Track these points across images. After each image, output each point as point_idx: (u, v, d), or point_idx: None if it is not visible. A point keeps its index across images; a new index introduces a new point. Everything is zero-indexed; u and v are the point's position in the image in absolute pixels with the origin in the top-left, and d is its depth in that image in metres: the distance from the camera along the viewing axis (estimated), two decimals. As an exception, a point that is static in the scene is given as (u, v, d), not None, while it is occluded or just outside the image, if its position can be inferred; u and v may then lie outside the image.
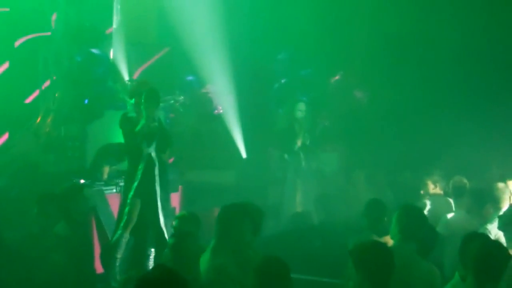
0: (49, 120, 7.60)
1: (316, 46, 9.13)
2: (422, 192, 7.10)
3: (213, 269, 4.19)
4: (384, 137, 8.86)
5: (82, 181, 7.02)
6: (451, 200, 6.55)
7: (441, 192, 6.96)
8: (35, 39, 8.14)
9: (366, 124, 9.04)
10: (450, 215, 6.19)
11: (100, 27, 8.40)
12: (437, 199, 6.88)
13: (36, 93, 7.96)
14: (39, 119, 7.69)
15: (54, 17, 8.14)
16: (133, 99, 6.43)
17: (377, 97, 9.27)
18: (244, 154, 8.97)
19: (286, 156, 8.34)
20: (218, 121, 9.12)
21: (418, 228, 4.49)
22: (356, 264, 3.64)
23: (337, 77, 9.60)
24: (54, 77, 7.92)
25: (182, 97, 8.81)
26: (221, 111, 9.21)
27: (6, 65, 7.64)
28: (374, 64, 9.17)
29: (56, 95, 7.84)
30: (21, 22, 7.98)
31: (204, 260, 4.27)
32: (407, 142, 8.72)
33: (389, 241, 4.64)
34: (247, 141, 8.90)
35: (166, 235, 6.37)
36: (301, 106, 8.39)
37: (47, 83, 7.91)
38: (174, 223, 5.33)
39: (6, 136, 7.50)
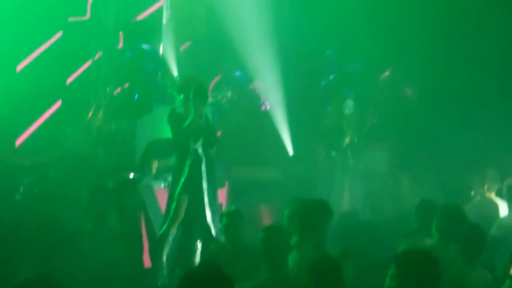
0: (100, 115, 7.78)
1: (365, 42, 9.05)
2: (472, 193, 6.97)
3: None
4: (434, 135, 8.73)
5: (131, 175, 7.18)
6: (502, 202, 6.42)
7: (493, 193, 6.81)
8: (87, 34, 8.33)
9: (415, 122, 8.92)
10: (505, 217, 6.06)
11: (150, 23, 8.55)
12: (487, 200, 6.74)
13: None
14: (90, 113, 7.89)
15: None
16: (182, 95, 6.53)
17: (427, 94, 9.12)
18: (291, 151, 8.99)
19: (333, 153, 8.30)
20: (265, 118, 9.16)
21: (457, 228, 4.39)
22: (401, 272, 3.41)
23: (386, 74, 9.51)
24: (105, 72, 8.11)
25: (230, 93, 8.90)
26: (268, 107, 9.26)
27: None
28: (424, 61, 9.02)
29: (107, 90, 8.01)
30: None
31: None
32: (458, 140, 8.55)
33: None
34: (294, 138, 8.92)
35: (212, 231, 6.47)
36: (349, 103, 8.33)
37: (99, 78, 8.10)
38: (221, 219, 5.41)
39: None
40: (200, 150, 6.45)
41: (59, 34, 7.67)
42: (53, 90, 7.48)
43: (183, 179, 6.38)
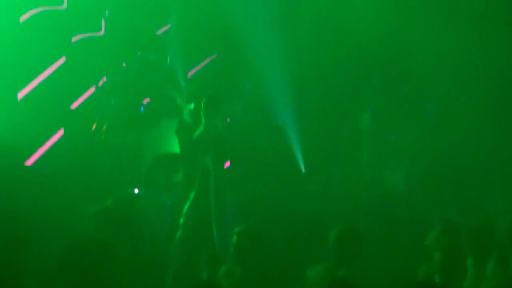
0: (104, 128, 7.83)
1: (380, 54, 9.06)
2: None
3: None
4: (455, 155, 8.69)
5: (136, 190, 7.21)
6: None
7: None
8: (89, 39, 8.38)
9: (435, 140, 8.89)
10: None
11: (155, 31, 8.62)
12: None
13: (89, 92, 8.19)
14: (94, 126, 7.93)
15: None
16: (192, 104, 6.55)
17: (448, 111, 9.09)
18: (303, 168, 8.98)
19: (349, 171, 8.29)
20: (277, 132, 9.17)
21: None
22: None
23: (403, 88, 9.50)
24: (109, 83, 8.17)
25: (240, 106, 8.93)
26: (279, 122, 9.26)
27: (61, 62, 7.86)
28: (444, 76, 8.99)
29: (112, 102, 8.07)
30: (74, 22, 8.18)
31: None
32: (481, 162, 8.52)
33: None
34: (307, 154, 8.90)
35: (219, 250, 6.45)
36: (366, 119, 8.33)
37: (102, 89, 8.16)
38: (233, 238, 5.38)
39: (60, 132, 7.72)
40: (209, 163, 6.45)
41: (62, 60, 7.79)
42: (56, 116, 7.58)
43: (192, 194, 6.38)
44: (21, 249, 4.60)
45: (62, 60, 7.84)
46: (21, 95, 7.33)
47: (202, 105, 6.29)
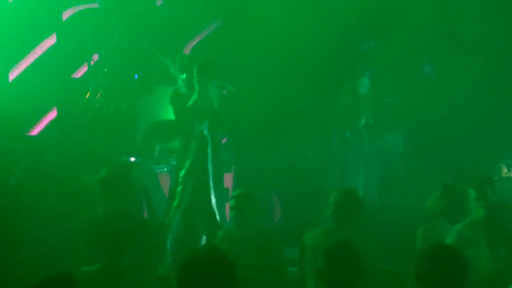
0: (98, 96, 7.80)
1: (379, 18, 8.97)
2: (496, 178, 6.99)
3: None
4: (453, 116, 8.69)
5: (132, 159, 7.21)
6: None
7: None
8: (83, 11, 8.32)
9: (433, 102, 8.87)
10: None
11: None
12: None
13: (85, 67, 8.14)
14: (87, 95, 7.90)
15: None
16: (185, 74, 6.53)
17: (446, 72, 9.05)
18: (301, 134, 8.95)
19: (348, 135, 8.26)
20: (274, 99, 9.12)
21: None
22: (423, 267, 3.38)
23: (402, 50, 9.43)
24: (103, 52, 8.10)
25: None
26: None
27: (53, 39, 7.84)
28: (441, 36, 8.93)
29: (105, 70, 8.02)
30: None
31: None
32: (480, 123, 8.52)
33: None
34: (305, 119, 8.87)
35: (217, 217, 6.50)
36: (365, 82, 8.28)
37: (96, 58, 8.09)
38: (231, 202, 5.42)
39: (54, 113, 7.74)
40: (205, 132, 6.46)
41: (53, 37, 7.73)
42: (48, 98, 7.55)
43: (188, 163, 6.41)
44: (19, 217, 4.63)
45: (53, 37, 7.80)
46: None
47: (195, 72, 6.27)
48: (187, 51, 9.10)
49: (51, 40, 7.75)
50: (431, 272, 3.31)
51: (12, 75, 7.32)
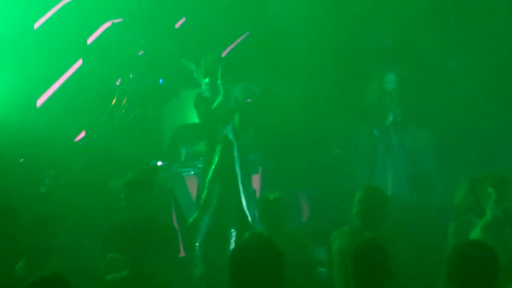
0: (124, 102, 7.91)
1: (402, 13, 8.90)
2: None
3: None
4: (484, 111, 8.59)
5: (159, 163, 7.30)
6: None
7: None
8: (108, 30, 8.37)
9: (464, 97, 8.79)
10: None
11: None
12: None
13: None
14: (114, 101, 8.02)
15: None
16: (208, 78, 6.57)
17: (476, 67, 8.95)
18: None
19: (375, 132, 8.23)
20: (301, 98, 9.13)
21: None
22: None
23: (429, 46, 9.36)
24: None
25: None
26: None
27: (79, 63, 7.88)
28: (471, 31, 8.82)
29: (131, 76, 8.14)
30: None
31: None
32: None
33: None
34: (332, 118, 8.85)
35: (249, 218, 6.53)
36: (391, 78, 8.23)
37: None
38: (259, 205, 5.43)
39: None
40: (230, 135, 6.49)
41: (79, 62, 7.83)
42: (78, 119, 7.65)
43: (213, 167, 6.46)
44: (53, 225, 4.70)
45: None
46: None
47: (219, 75, 6.30)
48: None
49: (77, 65, 7.82)
50: (462, 269, 3.31)
51: (40, 102, 7.39)
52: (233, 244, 6.45)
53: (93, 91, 7.66)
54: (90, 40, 7.88)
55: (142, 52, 8.16)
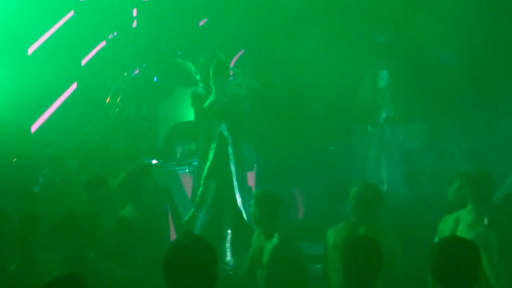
0: (118, 99, 7.90)
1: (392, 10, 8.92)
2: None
3: None
4: (477, 106, 8.63)
5: (154, 161, 7.31)
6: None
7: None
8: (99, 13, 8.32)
9: (456, 92, 8.83)
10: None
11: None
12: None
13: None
14: (108, 99, 8.01)
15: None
16: (201, 74, 6.56)
17: (470, 61, 8.98)
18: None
19: (369, 129, 8.28)
20: (294, 95, 9.15)
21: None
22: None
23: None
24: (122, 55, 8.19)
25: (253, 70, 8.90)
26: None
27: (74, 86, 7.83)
28: (462, 25, 8.85)
29: (125, 74, 8.13)
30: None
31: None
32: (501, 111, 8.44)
33: None
34: (325, 114, 8.89)
35: (244, 216, 6.55)
36: (384, 75, 8.28)
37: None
38: (253, 201, 5.45)
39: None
40: (225, 132, 6.49)
41: (70, 14, 7.73)
42: (67, 72, 7.53)
43: (208, 164, 6.46)
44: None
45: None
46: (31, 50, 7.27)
47: (211, 74, 6.29)
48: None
49: (72, 88, 7.78)
50: (442, 265, 3.34)
51: (34, 127, 7.35)
52: (229, 242, 6.48)
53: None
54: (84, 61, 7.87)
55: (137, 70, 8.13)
